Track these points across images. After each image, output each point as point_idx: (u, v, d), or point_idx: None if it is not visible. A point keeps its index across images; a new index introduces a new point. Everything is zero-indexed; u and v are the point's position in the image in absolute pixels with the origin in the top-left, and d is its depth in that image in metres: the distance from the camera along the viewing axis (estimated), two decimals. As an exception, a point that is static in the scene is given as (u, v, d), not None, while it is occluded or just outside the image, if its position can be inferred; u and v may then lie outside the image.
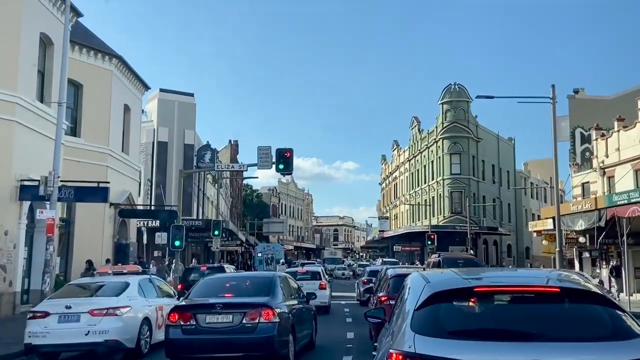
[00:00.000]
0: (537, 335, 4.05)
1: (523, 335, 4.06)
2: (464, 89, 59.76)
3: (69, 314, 10.25)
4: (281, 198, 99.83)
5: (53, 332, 10.00)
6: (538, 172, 67.47)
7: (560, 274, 5.46)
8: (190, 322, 9.38)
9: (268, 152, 21.56)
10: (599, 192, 33.35)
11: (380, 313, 6.35)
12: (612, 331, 4.08)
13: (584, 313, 4.32)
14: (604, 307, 4.28)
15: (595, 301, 4.34)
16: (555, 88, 26.97)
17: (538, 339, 4.01)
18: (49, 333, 9.99)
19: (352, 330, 15.35)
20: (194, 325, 9.36)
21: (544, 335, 4.05)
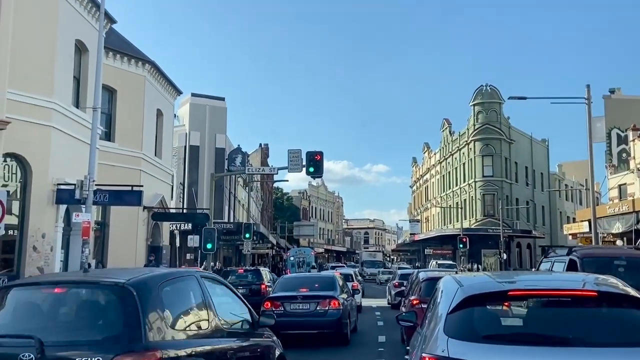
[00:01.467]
0: (574, 340, 3.97)
1: (559, 340, 3.99)
2: (496, 90, 59.01)
3: None
4: (311, 201, 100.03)
5: None
6: (573, 174, 66.15)
7: (597, 277, 5.34)
8: (280, 308, 12.97)
9: (298, 155, 21.63)
10: (636, 194, 32.55)
11: (412, 316, 6.31)
12: (651, 336, 3.97)
13: (622, 317, 4.23)
14: (643, 312, 4.16)
15: (634, 305, 4.24)
16: (590, 88, 26.48)
17: (574, 344, 3.93)
18: None
19: (384, 333, 15.28)
20: (282, 310, 12.89)
21: (581, 340, 3.97)
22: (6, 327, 4.81)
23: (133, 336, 4.52)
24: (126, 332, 4.56)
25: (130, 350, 4.39)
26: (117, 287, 4.87)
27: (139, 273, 5.40)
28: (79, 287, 5.30)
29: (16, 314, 5.10)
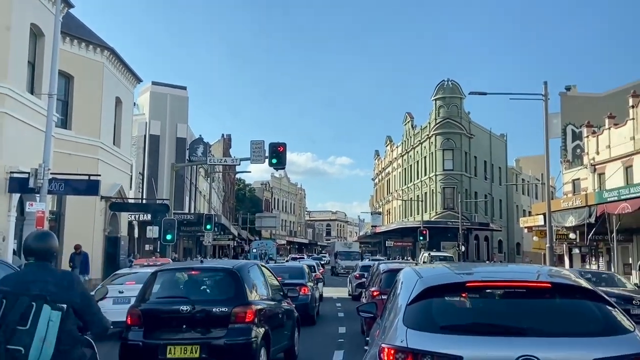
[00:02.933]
0: (529, 330, 4.05)
1: (514, 330, 4.07)
2: (457, 86, 59.87)
3: (122, 297, 12.25)
4: (274, 193, 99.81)
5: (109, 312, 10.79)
6: (529, 169, 67.78)
7: (551, 269, 5.48)
8: None
9: (261, 146, 21.53)
10: (589, 189, 33.56)
11: (372, 308, 6.36)
12: (602, 326, 4.09)
13: (575, 308, 4.33)
14: (595, 303, 4.28)
15: (586, 296, 4.35)
16: (548, 85, 27.10)
17: (529, 334, 4.01)
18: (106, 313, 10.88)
19: (344, 325, 15.39)
20: None
21: (535, 330, 4.05)
22: (167, 293, 8.43)
23: (241, 297, 8.05)
24: (237, 295, 8.08)
25: (241, 304, 7.91)
26: (229, 270, 8.56)
27: (236, 263, 9.61)
28: (206, 271, 8.98)
29: (170, 287, 8.60)
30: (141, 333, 7.77)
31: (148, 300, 8.20)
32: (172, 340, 7.63)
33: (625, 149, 31.31)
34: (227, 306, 7.83)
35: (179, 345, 7.55)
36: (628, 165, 31.12)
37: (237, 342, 7.62)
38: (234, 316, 7.73)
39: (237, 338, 7.64)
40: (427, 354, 3.96)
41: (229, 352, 7.57)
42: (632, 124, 30.93)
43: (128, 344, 7.81)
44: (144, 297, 8.28)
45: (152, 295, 8.31)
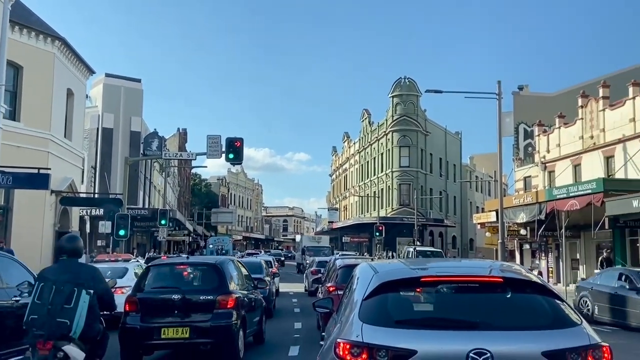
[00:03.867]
0: (481, 324, 4.13)
1: (467, 324, 4.14)
2: (414, 83, 60.59)
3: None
4: (230, 188, 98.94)
5: None
6: (483, 166, 69.25)
7: (503, 264, 5.60)
8: None
9: (218, 141, 21.29)
10: (540, 186, 34.49)
11: (329, 303, 6.37)
12: (552, 320, 4.20)
13: (525, 302, 4.43)
14: (545, 297, 4.40)
15: (536, 291, 4.47)
16: (501, 84, 27.69)
17: (482, 328, 4.09)
18: None
19: (300, 320, 15.39)
20: None
21: (488, 324, 4.13)
22: (160, 284, 9.70)
23: (223, 287, 9.47)
24: (220, 285, 9.49)
25: (223, 293, 9.31)
26: (212, 264, 10.08)
27: (217, 258, 11.34)
28: (193, 265, 10.47)
29: (162, 279, 9.95)
30: (138, 318, 9.11)
31: (144, 290, 9.56)
32: (165, 323, 8.99)
33: (574, 148, 32.32)
34: (211, 295, 9.24)
35: (171, 328, 8.94)
36: (577, 163, 32.14)
37: (221, 324, 9.05)
38: (217, 303, 9.18)
39: (220, 321, 9.06)
40: (382, 348, 3.99)
41: (214, 333, 9.01)
42: (581, 124, 31.95)
43: (126, 327, 9.09)
44: (139, 287, 9.69)
45: (146, 285, 9.68)
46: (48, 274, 5.77)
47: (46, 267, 6.19)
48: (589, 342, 4.00)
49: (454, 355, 3.88)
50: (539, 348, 3.89)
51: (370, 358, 3.99)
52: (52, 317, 5.42)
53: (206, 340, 9.07)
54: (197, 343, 9.11)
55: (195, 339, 8.97)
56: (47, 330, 5.41)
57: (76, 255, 6.02)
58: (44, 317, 5.43)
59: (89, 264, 6.99)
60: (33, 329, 5.46)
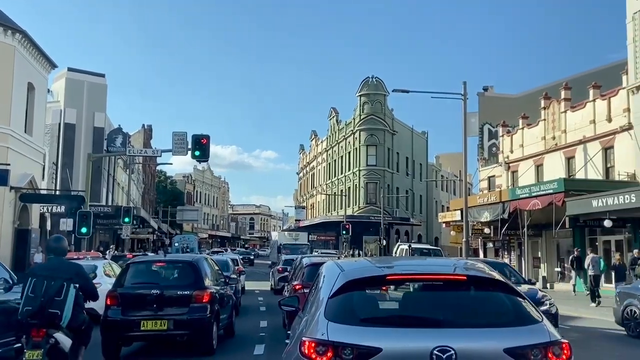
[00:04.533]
0: (445, 322, 4.18)
1: (431, 322, 4.18)
2: (381, 82, 60.97)
3: None
4: (196, 185, 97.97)
5: None
6: (448, 166, 70.15)
7: (467, 262, 5.67)
8: None
9: (184, 138, 21.02)
10: (503, 186, 35.11)
11: (294, 301, 6.35)
12: (513, 317, 4.27)
13: (488, 300, 4.49)
14: (507, 295, 4.47)
15: (499, 289, 4.53)
16: (467, 85, 28.07)
17: (445, 325, 4.13)
18: None
19: (266, 319, 15.33)
20: None
21: (451, 322, 4.18)
22: (140, 280, 10.38)
23: (199, 283, 10.14)
24: (196, 281, 10.16)
25: (199, 288, 9.97)
26: (189, 262, 10.82)
27: (193, 256, 12.30)
28: (170, 262, 11.18)
29: (142, 275, 10.59)
30: (119, 311, 9.71)
31: (124, 286, 10.18)
32: (145, 316, 9.60)
33: (537, 148, 33.01)
34: (188, 290, 9.93)
35: (150, 320, 9.57)
36: (539, 163, 32.84)
37: (197, 317, 9.72)
38: (194, 298, 9.85)
39: (196, 314, 9.74)
40: (347, 346, 4.00)
41: (190, 325, 9.70)
42: (544, 125, 32.65)
43: (108, 320, 9.68)
44: (120, 283, 10.34)
45: (126, 281, 10.30)
46: (38, 271, 6.60)
47: (36, 265, 7.45)
48: (549, 338, 4.08)
49: (418, 352, 3.91)
50: (501, 345, 3.96)
51: (335, 356, 4.00)
52: (44, 308, 6.17)
53: (183, 332, 9.76)
54: (175, 335, 9.80)
55: (172, 330, 9.65)
56: (40, 320, 6.17)
57: (62, 254, 6.89)
58: (38, 308, 6.16)
59: (73, 261, 7.56)
60: (28, 319, 6.19)
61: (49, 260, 6.86)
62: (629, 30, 25.30)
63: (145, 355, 10.63)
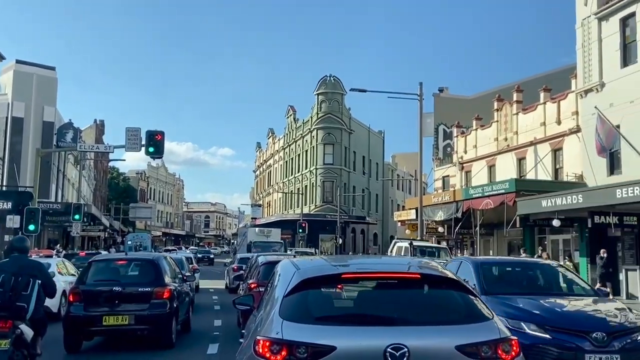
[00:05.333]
0: (399, 320, 4.22)
1: (386, 320, 4.22)
2: (338, 81, 61.23)
3: None
4: (150, 182, 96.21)
5: None
6: (404, 165, 71.03)
7: (421, 261, 5.73)
8: None
9: (137, 134, 20.56)
10: (457, 186, 35.78)
11: (249, 300, 6.31)
12: (465, 315, 4.34)
13: (441, 298, 4.56)
14: (459, 292, 4.54)
15: (451, 286, 4.60)
16: (423, 86, 28.49)
17: (399, 323, 4.17)
18: None
19: (220, 317, 15.18)
20: None
21: (405, 320, 4.22)
22: (102, 277, 10.80)
23: (159, 280, 10.62)
24: (157, 278, 10.65)
25: (159, 285, 10.48)
26: (150, 260, 11.40)
27: (154, 255, 13.02)
28: (132, 260, 11.65)
29: (104, 272, 11.10)
30: (82, 307, 10.13)
31: (86, 283, 10.60)
32: (107, 312, 10.04)
33: (490, 149, 33.76)
34: (149, 287, 10.41)
35: (112, 316, 10.03)
36: (491, 164, 33.59)
37: (157, 312, 10.20)
38: (154, 294, 10.34)
39: (156, 310, 10.21)
40: (301, 345, 3.99)
41: (151, 320, 10.18)
42: (496, 126, 33.42)
43: (70, 316, 10.14)
44: (82, 280, 10.75)
45: (89, 278, 10.72)
46: (5, 267, 7.05)
47: (1, 262, 7.63)
48: (499, 335, 4.17)
49: (372, 350, 3.94)
50: (453, 342, 4.02)
51: (289, 355, 3.99)
52: (12, 301, 6.73)
53: (144, 327, 10.23)
54: (136, 329, 10.26)
55: (134, 325, 10.13)
56: (7, 312, 6.70)
57: (25, 252, 7.45)
58: (7, 302, 6.71)
59: (35, 259, 8.15)
60: None
61: (12, 258, 7.26)
62: (578, 35, 26.14)
63: (106, 350, 10.85)
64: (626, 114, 22.72)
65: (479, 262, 9.33)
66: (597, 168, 24.41)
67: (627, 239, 22.99)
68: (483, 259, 9.73)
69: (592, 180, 24.56)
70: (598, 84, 24.67)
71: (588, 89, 25.29)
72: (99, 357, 10.40)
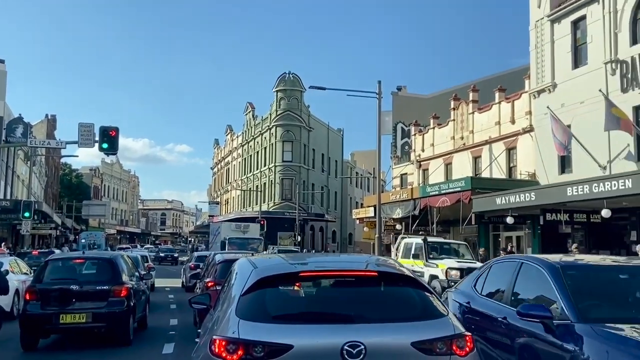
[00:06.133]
0: (356, 317, 4.22)
1: (343, 318, 4.22)
2: (298, 79, 61.14)
3: None
4: (104, 179, 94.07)
5: None
6: (363, 163, 71.52)
7: (379, 258, 5.77)
8: None
9: (91, 129, 20.06)
10: (415, 184, 36.24)
11: (206, 299, 6.24)
12: (420, 311, 4.39)
13: (398, 295, 4.59)
14: (415, 290, 4.59)
15: (408, 284, 4.64)
16: (382, 84, 28.69)
17: (356, 321, 4.18)
18: None
19: (177, 316, 14.97)
20: None
21: (362, 317, 4.23)
22: (60, 276, 10.92)
23: (117, 278, 10.79)
24: (114, 277, 10.83)
25: (117, 283, 10.63)
26: (107, 258, 11.59)
27: (111, 253, 13.87)
28: (90, 259, 11.82)
29: (61, 271, 11.28)
30: (38, 305, 10.23)
31: (43, 281, 10.75)
32: (64, 310, 10.17)
33: (446, 148, 34.31)
34: (107, 285, 10.55)
35: (69, 314, 10.17)
36: (448, 162, 34.15)
37: (115, 310, 10.35)
38: (112, 292, 10.49)
39: (114, 307, 10.36)
40: (258, 344, 3.97)
41: (109, 318, 10.33)
42: (453, 125, 33.98)
43: (27, 314, 10.22)
44: (39, 279, 10.91)
45: (45, 277, 10.85)
46: None
47: None
48: (453, 332, 4.22)
49: (329, 348, 3.94)
50: (408, 339, 4.05)
51: (246, 354, 3.96)
52: None
53: (101, 324, 10.41)
54: (93, 327, 10.45)
55: (91, 323, 10.29)
56: None
57: None
58: None
59: None
60: None
61: None
62: (531, 37, 26.80)
63: (63, 347, 10.86)
64: (577, 115, 23.42)
65: (561, 266, 5.59)
66: (549, 167, 25.09)
67: (577, 235, 23.73)
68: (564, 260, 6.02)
69: (544, 178, 25.23)
70: (550, 85, 25.35)
71: (541, 90, 25.96)
72: (56, 355, 10.36)
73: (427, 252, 20.70)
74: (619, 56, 21.96)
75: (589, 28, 23.51)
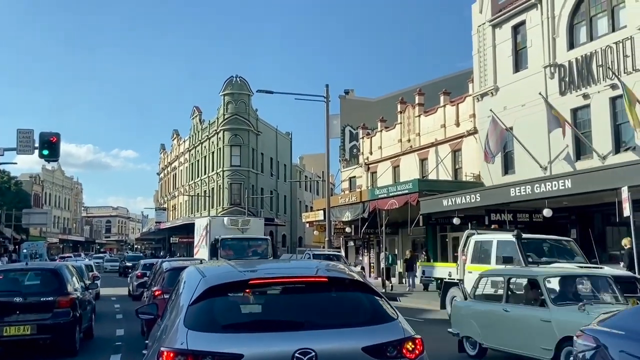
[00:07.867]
0: (307, 324, 4.20)
1: (293, 325, 4.19)
2: (245, 82, 60.75)
3: None
4: (45, 187, 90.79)
5: None
6: (312, 166, 71.67)
7: (329, 264, 5.77)
8: None
9: (30, 135, 19.31)
10: (363, 186, 36.56)
11: (153, 309, 6.11)
12: (371, 316, 4.40)
13: (348, 300, 4.60)
14: (365, 294, 4.60)
15: (358, 289, 4.65)
16: (329, 88, 28.88)
17: (307, 328, 4.16)
18: None
19: (123, 326, 14.59)
20: None
21: (313, 323, 4.21)
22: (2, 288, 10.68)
23: (62, 289, 10.78)
24: (59, 287, 10.79)
25: (62, 294, 10.61)
26: (52, 269, 11.63)
27: (55, 264, 13.35)
28: (35, 270, 11.89)
29: (3, 283, 10.91)
30: None
31: None
32: (7, 323, 10.01)
33: (394, 150, 34.79)
34: (52, 296, 10.49)
35: (13, 326, 10.00)
36: (396, 165, 34.63)
37: (60, 321, 10.29)
38: (57, 303, 10.43)
39: (60, 319, 10.31)
40: (207, 354, 3.91)
41: (54, 329, 10.26)
42: (400, 128, 34.49)
43: None
44: None
45: None
46: None
47: None
48: (403, 335, 4.26)
49: (279, 356, 3.91)
50: (359, 344, 4.06)
51: None
52: None
53: (46, 336, 10.33)
54: (38, 338, 10.34)
55: (36, 335, 10.18)
56: None
57: None
58: None
59: None
60: None
61: None
62: (474, 41, 27.52)
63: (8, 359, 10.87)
64: (518, 117, 24.18)
65: None
66: (493, 168, 25.79)
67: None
68: None
69: (488, 179, 25.91)
70: (493, 88, 26.08)
71: (484, 93, 26.67)
72: (0, 367, 10.13)
73: (524, 254, 13.89)
74: (557, 60, 22.81)
75: (529, 33, 24.32)
